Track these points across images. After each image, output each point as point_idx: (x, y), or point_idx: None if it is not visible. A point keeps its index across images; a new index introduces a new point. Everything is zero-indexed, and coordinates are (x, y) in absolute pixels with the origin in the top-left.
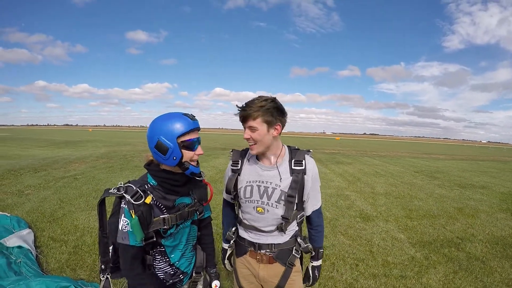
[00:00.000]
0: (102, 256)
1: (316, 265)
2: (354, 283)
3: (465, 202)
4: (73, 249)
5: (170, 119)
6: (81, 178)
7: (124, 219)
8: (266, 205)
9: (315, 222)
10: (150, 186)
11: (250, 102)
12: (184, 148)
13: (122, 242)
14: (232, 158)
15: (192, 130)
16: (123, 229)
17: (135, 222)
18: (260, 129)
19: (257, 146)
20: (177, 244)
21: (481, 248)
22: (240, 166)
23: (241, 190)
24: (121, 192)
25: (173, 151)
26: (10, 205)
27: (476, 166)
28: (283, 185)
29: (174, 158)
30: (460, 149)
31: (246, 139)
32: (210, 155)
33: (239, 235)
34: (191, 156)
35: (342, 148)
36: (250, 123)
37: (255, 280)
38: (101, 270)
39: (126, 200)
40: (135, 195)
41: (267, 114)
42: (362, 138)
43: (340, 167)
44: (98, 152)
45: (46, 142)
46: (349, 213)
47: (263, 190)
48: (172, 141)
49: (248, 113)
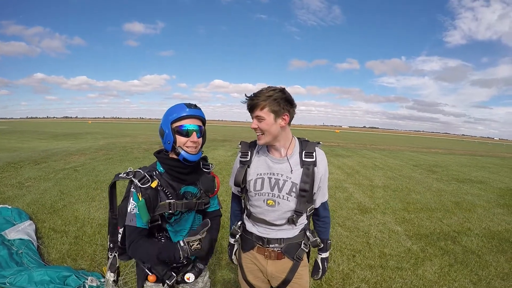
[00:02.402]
0: (111, 236)
1: (325, 256)
2: (351, 273)
3: (463, 196)
4: (74, 239)
5: (172, 107)
6: (81, 170)
7: (132, 202)
8: (277, 198)
9: (323, 213)
10: (158, 173)
11: (258, 92)
12: (178, 134)
13: (130, 224)
14: (241, 149)
15: (186, 117)
16: (131, 211)
17: (141, 204)
18: (267, 119)
19: (264, 136)
20: (180, 230)
21: (477, 242)
22: (250, 158)
23: (251, 182)
24: (130, 176)
25: (167, 135)
26: (11, 197)
27: (475, 161)
28: (294, 176)
29: (168, 142)
30: (460, 144)
31: (254, 129)
32: (210, 147)
33: (246, 229)
34: (183, 142)
35: (342, 141)
36: (257, 112)
37: (262, 275)
38: (109, 249)
39: (134, 184)
40: (143, 179)
41: (274, 104)
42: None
43: (339, 160)
44: (98, 144)
45: (45, 134)
46: (347, 205)
47: (274, 182)
48: (166, 126)
49: (255, 103)
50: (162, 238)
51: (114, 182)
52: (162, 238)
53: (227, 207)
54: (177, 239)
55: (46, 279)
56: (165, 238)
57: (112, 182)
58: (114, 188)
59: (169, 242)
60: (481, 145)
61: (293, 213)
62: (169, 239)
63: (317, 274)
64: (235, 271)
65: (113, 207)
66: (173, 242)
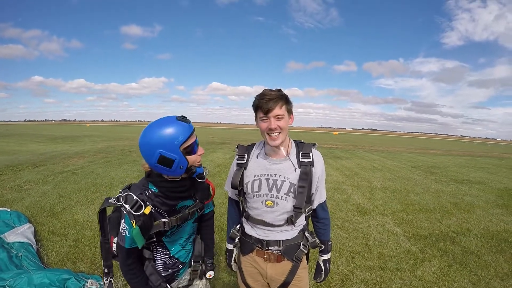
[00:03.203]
0: (105, 261)
1: (327, 258)
2: (350, 275)
3: (461, 197)
4: (73, 242)
5: (165, 128)
6: (80, 173)
7: (124, 224)
8: (275, 198)
9: (321, 215)
10: (152, 193)
11: (267, 92)
12: (187, 154)
13: (120, 243)
14: (238, 152)
15: (191, 134)
16: (122, 232)
17: (136, 232)
18: (285, 117)
19: (281, 135)
20: (177, 239)
21: (476, 243)
22: (246, 160)
23: (248, 184)
24: (121, 202)
25: (179, 162)
26: (10, 200)
27: (473, 162)
28: (292, 177)
29: (181, 167)
30: (458, 145)
31: (274, 129)
32: (208, 149)
33: (245, 232)
34: (195, 160)
35: (340, 143)
36: (277, 111)
37: (262, 278)
38: (104, 274)
39: (127, 210)
40: (135, 205)
41: (287, 103)
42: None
43: (337, 162)
44: (96, 147)
45: (44, 137)
46: (346, 207)
47: (272, 183)
48: (176, 152)
49: (276, 102)
50: (158, 247)
51: (104, 208)
52: (158, 247)
53: (226, 210)
54: (173, 247)
55: (46, 282)
56: (160, 247)
57: (101, 207)
58: (105, 213)
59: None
60: (480, 146)
61: (292, 213)
62: (165, 247)
63: (320, 276)
64: (234, 274)
65: (104, 233)
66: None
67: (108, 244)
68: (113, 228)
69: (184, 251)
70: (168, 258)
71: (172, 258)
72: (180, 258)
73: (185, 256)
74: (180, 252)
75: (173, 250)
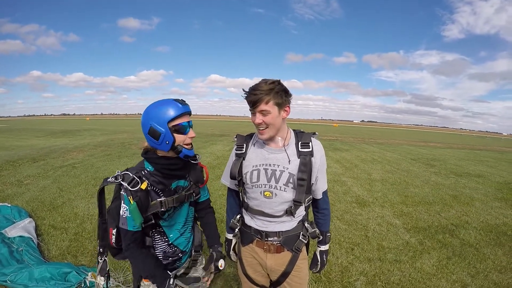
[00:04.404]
0: (101, 240)
1: (324, 249)
2: (349, 266)
3: (461, 190)
4: (74, 236)
5: (161, 105)
6: (80, 167)
7: (124, 206)
8: (274, 189)
9: (322, 205)
10: (147, 172)
11: (257, 86)
12: (176, 132)
13: (122, 227)
14: (237, 142)
15: (182, 114)
16: (123, 215)
17: (133, 207)
18: (273, 112)
19: (268, 130)
20: (174, 224)
21: (475, 235)
22: (245, 150)
23: (247, 174)
24: (118, 180)
25: (165, 135)
26: (10, 195)
27: (473, 155)
28: (291, 167)
29: (166, 142)
30: (459, 138)
31: (258, 124)
32: (208, 142)
33: (244, 223)
34: (183, 140)
35: (340, 135)
36: (262, 107)
37: (262, 269)
38: (99, 253)
39: (124, 187)
40: (132, 181)
41: (277, 97)
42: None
43: (337, 154)
44: (96, 141)
45: (43, 132)
46: (346, 199)
47: (270, 173)
48: (163, 126)
49: (259, 97)
50: (156, 234)
51: (103, 187)
52: (156, 234)
53: (225, 202)
54: (171, 233)
55: (47, 275)
56: (159, 234)
57: (100, 187)
58: (103, 193)
59: (162, 271)
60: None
61: (291, 204)
62: (163, 234)
63: (316, 267)
64: (234, 265)
65: (102, 212)
66: (165, 273)
67: (105, 224)
68: (113, 220)
69: (183, 238)
70: (167, 245)
71: (172, 245)
72: (179, 246)
73: (184, 244)
74: (179, 240)
75: (172, 237)
